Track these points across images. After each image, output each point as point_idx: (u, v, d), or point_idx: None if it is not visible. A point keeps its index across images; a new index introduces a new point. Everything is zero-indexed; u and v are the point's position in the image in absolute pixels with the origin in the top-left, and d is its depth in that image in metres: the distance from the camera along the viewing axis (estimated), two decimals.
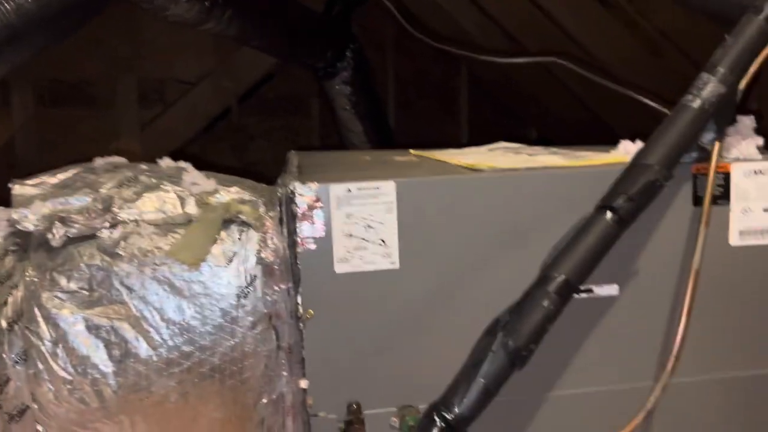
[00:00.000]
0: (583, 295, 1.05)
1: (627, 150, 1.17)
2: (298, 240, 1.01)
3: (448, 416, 0.88)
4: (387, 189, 1.01)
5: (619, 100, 2.57)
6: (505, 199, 1.04)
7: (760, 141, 1.15)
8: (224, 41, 3.06)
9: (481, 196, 1.04)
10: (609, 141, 1.24)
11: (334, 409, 1.04)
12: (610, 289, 1.07)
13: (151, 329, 1.04)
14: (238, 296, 1.06)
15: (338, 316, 1.03)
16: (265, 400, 1.07)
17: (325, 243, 1.01)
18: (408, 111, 4.06)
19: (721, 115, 1.01)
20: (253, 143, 3.84)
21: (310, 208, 1.00)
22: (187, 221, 1.08)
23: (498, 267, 1.04)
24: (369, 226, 1.01)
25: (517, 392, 1.01)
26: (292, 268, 1.04)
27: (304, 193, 1.00)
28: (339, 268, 1.01)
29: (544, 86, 3.30)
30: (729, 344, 1.11)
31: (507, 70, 3.59)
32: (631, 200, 0.94)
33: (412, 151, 1.45)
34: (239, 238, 1.07)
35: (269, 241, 1.06)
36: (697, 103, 0.98)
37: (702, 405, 1.12)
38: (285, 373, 1.07)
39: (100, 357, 1.03)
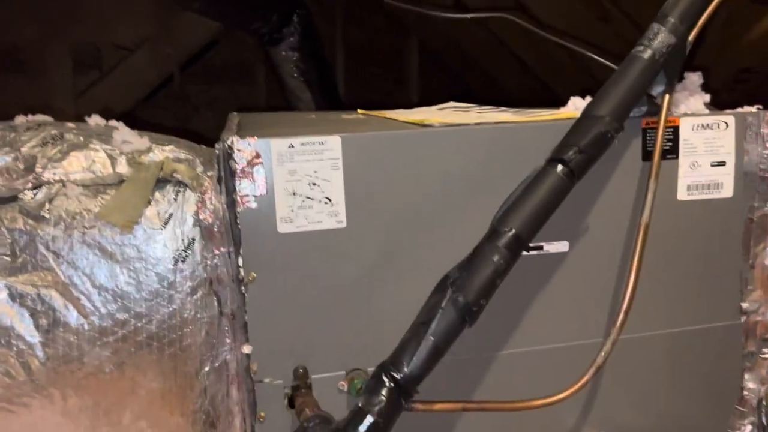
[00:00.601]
0: (533, 252, 1.04)
1: (577, 106, 1.16)
2: (238, 199, 0.95)
3: (397, 376, 0.85)
4: (332, 144, 0.96)
5: (566, 65, 2.57)
6: (456, 154, 1.01)
7: (707, 97, 1.15)
8: (164, 5, 2.92)
9: (431, 151, 1.00)
10: (557, 106, 1.22)
11: (281, 375, 1.00)
12: (560, 246, 1.05)
13: (81, 296, 0.98)
14: (176, 260, 1.00)
15: (282, 278, 0.98)
16: (207, 368, 1.02)
17: (266, 202, 0.96)
18: (358, 79, 3.99)
19: (671, 67, 1.00)
20: (197, 112, 3.71)
21: (250, 164, 0.94)
22: (118, 181, 1.01)
23: (448, 223, 1.01)
24: (314, 184, 0.97)
25: (467, 350, 0.99)
26: (232, 229, 0.99)
27: (243, 149, 0.94)
28: (282, 228, 0.97)
29: (493, 54, 3.29)
30: (676, 299, 1.12)
31: (456, 38, 3.56)
32: (582, 152, 0.92)
33: (359, 110, 1.40)
34: (175, 199, 1.01)
35: (208, 202, 1.01)
36: (647, 54, 0.96)
37: (650, 360, 1.12)
38: (228, 340, 1.03)
39: (25, 327, 0.96)
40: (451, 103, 1.43)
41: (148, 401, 1.02)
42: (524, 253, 0.94)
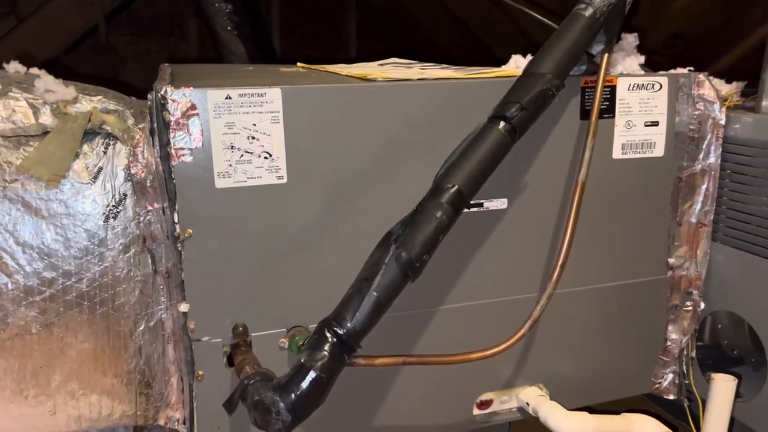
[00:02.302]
0: (474, 209, 1.04)
1: (518, 64, 1.16)
2: (172, 152, 0.91)
3: (340, 331, 0.85)
4: (272, 96, 0.93)
5: (503, 26, 2.58)
6: (399, 109, 0.99)
7: (642, 58, 1.17)
8: None
9: (374, 106, 0.98)
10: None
11: (219, 333, 0.98)
12: (499, 203, 1.06)
13: (4, 254, 0.92)
14: (107, 216, 0.96)
15: (220, 235, 0.95)
16: (141, 328, 0.99)
17: (203, 156, 0.92)
18: (294, 35, 3.89)
19: (611, 26, 1.01)
20: (124, 66, 3.54)
21: (185, 115, 0.90)
22: (42, 133, 0.95)
23: (391, 179, 1.00)
24: (253, 137, 0.93)
25: (408, 305, 0.99)
26: (166, 184, 0.95)
27: (178, 99, 0.90)
28: (220, 183, 0.93)
29: (431, 13, 3.26)
30: (608, 254, 1.16)
31: None
32: (524, 109, 0.93)
33: (299, 64, 1.36)
34: (105, 152, 0.96)
35: (140, 156, 0.96)
36: (589, 12, 0.97)
37: (582, 313, 1.16)
38: (163, 299, 1.00)
39: None
40: (393, 59, 1.41)
41: (79, 362, 0.98)
42: (465, 210, 0.95)
